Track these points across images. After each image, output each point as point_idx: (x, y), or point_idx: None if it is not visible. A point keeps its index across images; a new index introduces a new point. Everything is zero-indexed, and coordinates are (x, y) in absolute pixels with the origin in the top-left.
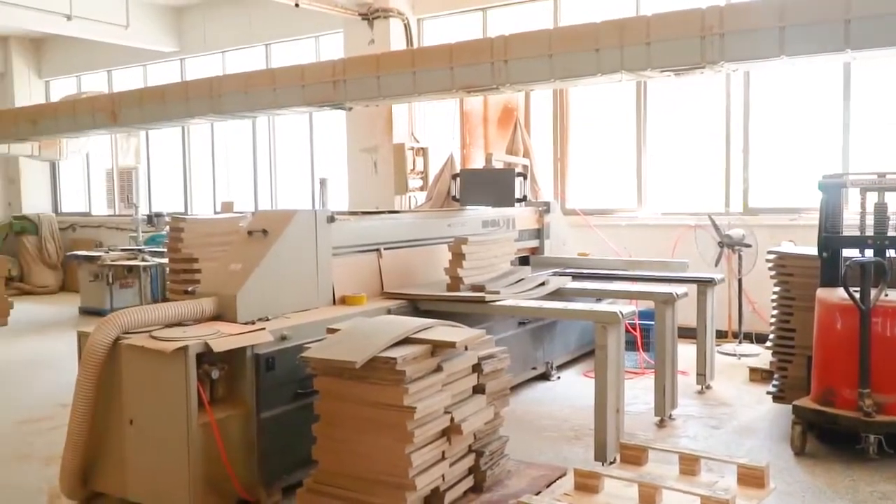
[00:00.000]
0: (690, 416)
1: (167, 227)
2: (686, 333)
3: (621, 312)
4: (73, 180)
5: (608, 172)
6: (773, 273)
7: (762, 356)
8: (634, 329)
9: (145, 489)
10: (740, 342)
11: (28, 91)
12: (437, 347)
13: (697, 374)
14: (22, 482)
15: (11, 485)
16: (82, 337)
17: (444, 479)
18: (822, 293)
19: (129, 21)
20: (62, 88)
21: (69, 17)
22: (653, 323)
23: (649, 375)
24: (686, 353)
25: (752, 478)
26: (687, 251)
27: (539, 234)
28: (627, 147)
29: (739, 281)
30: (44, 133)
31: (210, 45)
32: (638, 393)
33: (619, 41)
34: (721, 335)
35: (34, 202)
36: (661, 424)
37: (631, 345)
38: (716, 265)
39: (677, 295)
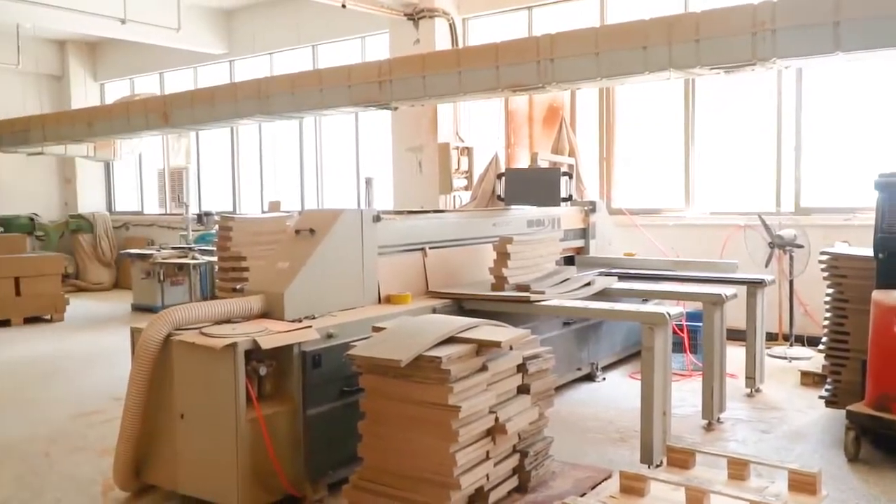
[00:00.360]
0: (739, 419)
1: (216, 226)
2: (735, 336)
3: (668, 313)
4: (127, 180)
5: (655, 171)
6: (826, 274)
7: (814, 360)
8: (681, 330)
9: (195, 482)
10: (791, 345)
11: (84, 93)
12: (482, 347)
13: (746, 378)
14: (77, 473)
15: (67, 476)
16: (135, 333)
17: (488, 479)
18: (877, 295)
19: (181, 24)
20: (116, 91)
21: (123, 21)
22: (700, 324)
23: (697, 378)
24: (735, 355)
25: (803, 484)
26: (736, 252)
27: (584, 233)
28: (675, 145)
29: (791, 282)
30: (99, 134)
31: (258, 46)
32: (685, 395)
33: (667, 38)
34: (771, 338)
35: (89, 201)
36: (708, 428)
37: (678, 346)
38: (766, 266)
39: (726, 296)
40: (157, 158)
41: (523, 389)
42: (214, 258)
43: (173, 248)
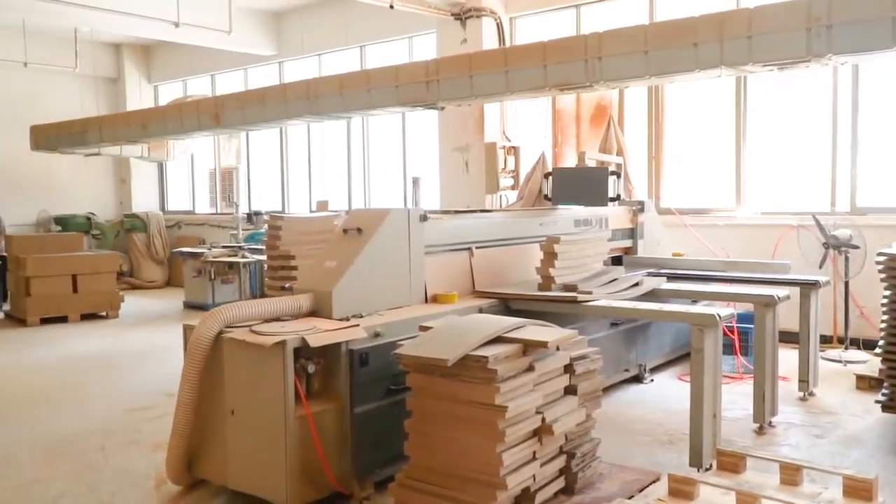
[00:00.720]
0: (791, 423)
1: (266, 225)
2: (787, 338)
3: (719, 315)
4: (179, 180)
5: (705, 170)
6: (883, 276)
7: (870, 363)
8: (732, 332)
9: (244, 478)
10: (846, 348)
11: (139, 95)
12: (529, 347)
13: (799, 381)
14: (131, 467)
15: (121, 469)
16: (188, 330)
17: (534, 480)
18: None
19: (232, 26)
20: (170, 92)
21: (177, 25)
22: (752, 326)
23: (748, 381)
24: (787, 358)
25: (859, 490)
26: (789, 252)
27: (633, 233)
28: (726, 144)
29: (846, 284)
30: (153, 135)
31: (307, 48)
32: (735, 398)
33: (718, 35)
34: (825, 340)
35: (143, 201)
36: (759, 431)
37: (728, 348)
38: (820, 267)
39: (779, 298)
40: (209, 159)
41: (570, 390)
42: (264, 257)
43: (224, 247)
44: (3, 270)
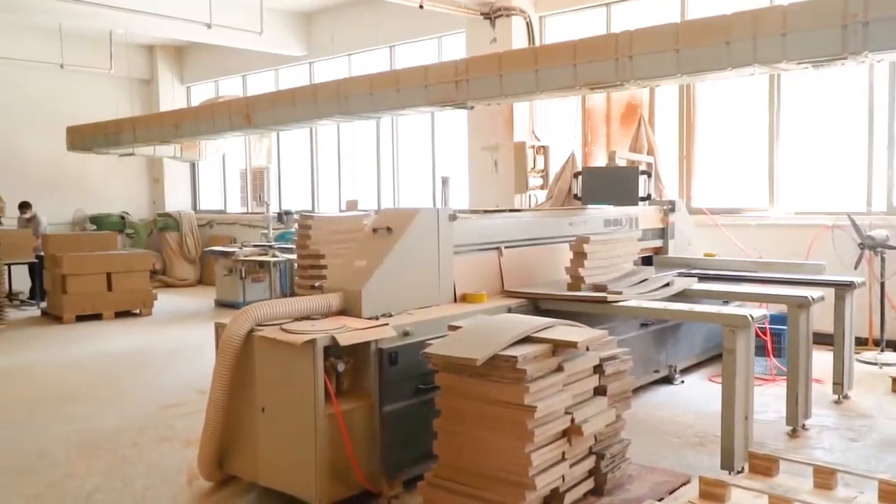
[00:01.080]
0: (825, 426)
1: (296, 225)
2: (822, 340)
3: (751, 316)
4: (211, 180)
5: (737, 170)
6: None
7: None
8: (764, 334)
9: (275, 475)
10: (882, 350)
11: (171, 96)
12: (558, 347)
13: (834, 383)
14: (163, 462)
15: (154, 465)
16: (219, 328)
17: (563, 480)
18: None
19: (263, 27)
20: (202, 93)
21: (209, 26)
22: (785, 328)
23: (780, 383)
24: (821, 360)
25: (894, 495)
26: (823, 253)
27: (663, 233)
28: (758, 143)
29: (882, 285)
30: (185, 135)
31: (337, 48)
32: (768, 400)
33: (751, 33)
34: (861, 342)
35: (176, 200)
36: (793, 434)
37: (761, 350)
38: (855, 268)
39: (813, 299)
40: (240, 159)
41: (600, 391)
42: (294, 256)
43: (255, 246)
44: (41, 269)
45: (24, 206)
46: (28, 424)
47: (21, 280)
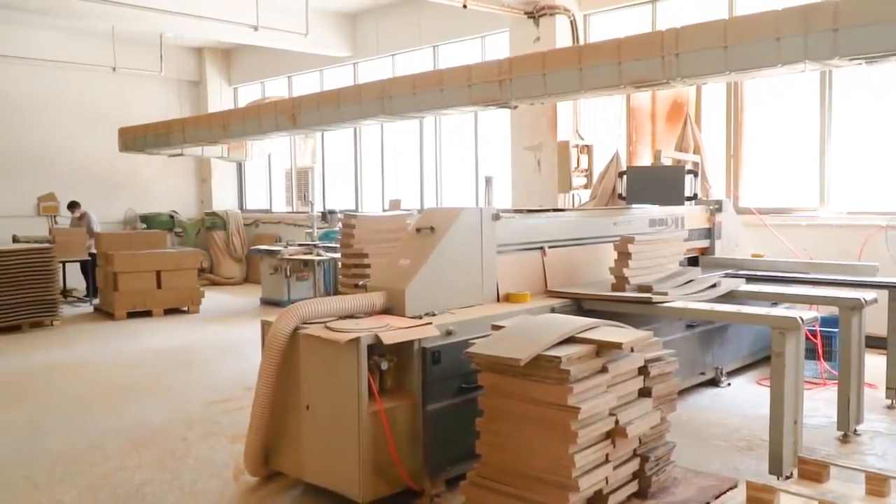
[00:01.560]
0: (878, 432)
1: (340, 224)
2: (874, 343)
3: (801, 318)
4: (257, 180)
5: (787, 168)
6: None
7: None
8: (814, 336)
9: (319, 471)
10: None
11: (219, 97)
12: (603, 348)
13: (887, 388)
14: (210, 457)
15: (202, 459)
16: (265, 325)
17: (607, 482)
18: None
19: (309, 29)
20: (248, 94)
21: (256, 28)
22: (836, 330)
23: (831, 387)
24: (874, 364)
25: None
26: (876, 254)
27: (710, 233)
28: (809, 140)
29: None
30: (233, 136)
31: (381, 48)
32: (818, 405)
33: (802, 29)
34: None
35: (223, 200)
36: (844, 440)
37: (811, 353)
38: None
39: (865, 301)
40: (285, 159)
41: (644, 393)
42: (338, 255)
43: (299, 245)
44: (94, 266)
45: (72, 206)
46: (81, 417)
47: (76, 278)
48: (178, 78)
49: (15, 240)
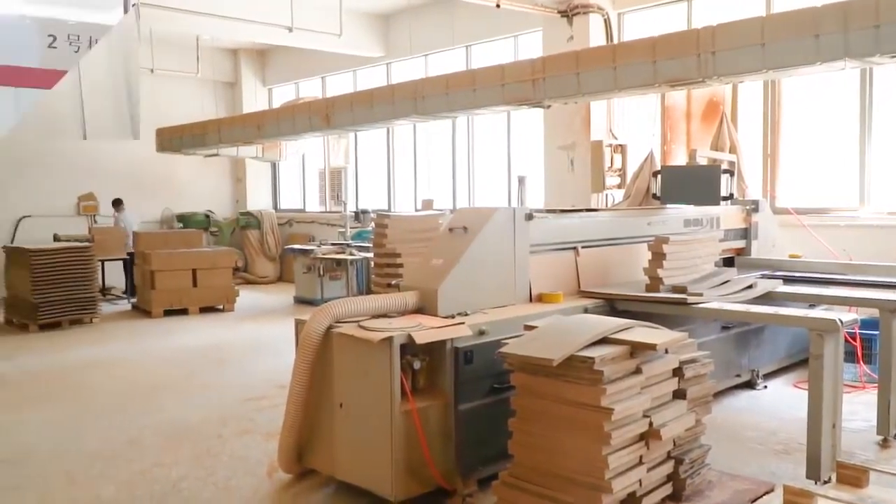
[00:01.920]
0: None
1: (372, 224)
2: None
3: (840, 320)
4: (291, 180)
5: (825, 168)
6: None
7: None
8: (854, 339)
9: (351, 469)
10: None
11: (254, 98)
12: (637, 349)
13: None
14: (245, 455)
15: (237, 456)
16: (299, 324)
17: (641, 485)
18: None
19: (342, 30)
20: (283, 95)
21: (290, 29)
22: (876, 333)
23: (871, 391)
24: None
25: None
26: None
27: (746, 234)
28: (849, 140)
29: None
30: (267, 136)
31: (414, 48)
32: (857, 408)
33: (842, 26)
34: None
35: (257, 199)
36: (883, 444)
37: (850, 356)
38: None
39: None
40: (318, 159)
41: (679, 394)
42: (371, 254)
43: (332, 245)
44: (132, 265)
45: (116, 203)
46: (119, 414)
47: (115, 276)
48: (214, 79)
49: (56, 239)
